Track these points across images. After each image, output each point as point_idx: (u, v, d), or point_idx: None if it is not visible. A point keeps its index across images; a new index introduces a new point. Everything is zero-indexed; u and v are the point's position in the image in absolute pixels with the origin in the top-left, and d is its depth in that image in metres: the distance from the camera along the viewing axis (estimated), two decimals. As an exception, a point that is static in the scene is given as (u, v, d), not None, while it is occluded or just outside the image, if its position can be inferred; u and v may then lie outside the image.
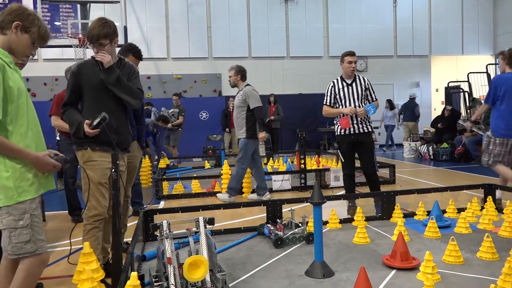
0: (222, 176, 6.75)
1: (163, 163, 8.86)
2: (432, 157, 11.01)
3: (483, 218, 4.50)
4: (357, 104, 5.14)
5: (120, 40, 10.48)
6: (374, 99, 5.26)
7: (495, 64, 15.83)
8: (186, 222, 3.28)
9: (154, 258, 3.70)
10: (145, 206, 5.66)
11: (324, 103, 5.32)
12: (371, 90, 5.26)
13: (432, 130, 11.87)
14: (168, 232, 2.92)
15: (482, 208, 4.85)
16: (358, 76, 5.29)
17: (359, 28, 15.48)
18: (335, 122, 5.38)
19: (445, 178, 8.04)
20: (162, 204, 6.30)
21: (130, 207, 5.80)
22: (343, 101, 5.19)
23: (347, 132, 5.16)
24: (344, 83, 5.21)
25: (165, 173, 8.42)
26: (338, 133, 5.26)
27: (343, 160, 5.27)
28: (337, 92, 5.22)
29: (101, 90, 3.17)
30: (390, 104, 13.54)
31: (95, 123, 3.01)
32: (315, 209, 3.23)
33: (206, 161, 10.34)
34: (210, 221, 3.13)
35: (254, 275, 3.31)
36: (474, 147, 10.03)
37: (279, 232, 4.07)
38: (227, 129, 12.58)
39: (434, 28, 16.16)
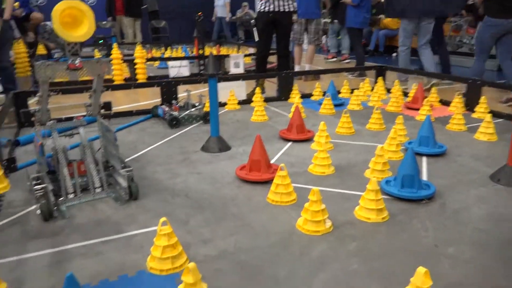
0: (112, 62, 6.10)
1: (42, 49, 7.78)
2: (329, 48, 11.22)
3: (373, 96, 4.69)
4: None
5: None
6: None
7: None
8: (72, 108, 2.80)
9: (29, 143, 3.27)
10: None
11: None
12: None
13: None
14: (51, 122, 2.35)
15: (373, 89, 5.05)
16: None
17: None
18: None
19: (342, 66, 8.26)
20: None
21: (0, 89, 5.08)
22: None
23: (266, 9, 4.83)
24: None
25: (47, 59, 7.43)
26: (259, 9, 4.94)
27: (257, 39, 5.02)
28: None
29: None
30: None
31: None
32: (210, 81, 2.99)
33: (96, 50, 9.35)
34: (106, 106, 2.62)
35: (146, 153, 3.10)
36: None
37: (174, 113, 3.83)
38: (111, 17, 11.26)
39: None
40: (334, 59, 9.22)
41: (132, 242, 1.89)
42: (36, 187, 2.11)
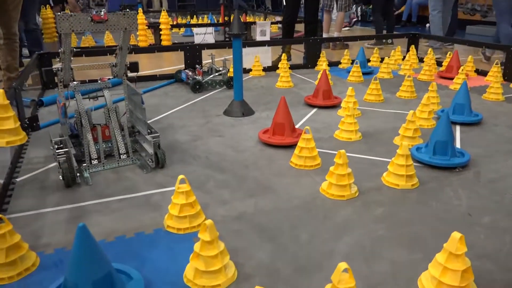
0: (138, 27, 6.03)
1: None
2: (359, 18, 10.84)
3: (404, 65, 4.48)
4: None
5: None
6: None
7: None
8: (97, 68, 2.70)
9: (53, 104, 3.26)
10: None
11: None
12: None
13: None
14: (75, 84, 2.24)
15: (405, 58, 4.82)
16: None
17: None
18: None
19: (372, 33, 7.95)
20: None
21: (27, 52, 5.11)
22: None
23: None
24: None
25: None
26: None
27: (284, 4, 4.88)
28: None
29: None
30: None
31: None
32: (234, 42, 2.88)
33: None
34: (133, 67, 2.40)
35: (168, 116, 3.04)
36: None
37: (197, 77, 3.75)
38: None
39: None
40: (348, 28, 9.44)
41: (150, 201, 1.85)
42: (58, 151, 1.94)
